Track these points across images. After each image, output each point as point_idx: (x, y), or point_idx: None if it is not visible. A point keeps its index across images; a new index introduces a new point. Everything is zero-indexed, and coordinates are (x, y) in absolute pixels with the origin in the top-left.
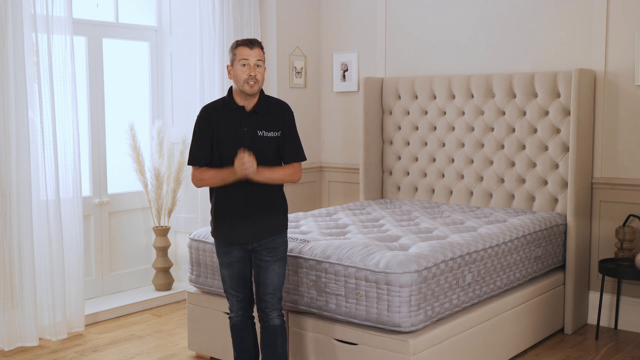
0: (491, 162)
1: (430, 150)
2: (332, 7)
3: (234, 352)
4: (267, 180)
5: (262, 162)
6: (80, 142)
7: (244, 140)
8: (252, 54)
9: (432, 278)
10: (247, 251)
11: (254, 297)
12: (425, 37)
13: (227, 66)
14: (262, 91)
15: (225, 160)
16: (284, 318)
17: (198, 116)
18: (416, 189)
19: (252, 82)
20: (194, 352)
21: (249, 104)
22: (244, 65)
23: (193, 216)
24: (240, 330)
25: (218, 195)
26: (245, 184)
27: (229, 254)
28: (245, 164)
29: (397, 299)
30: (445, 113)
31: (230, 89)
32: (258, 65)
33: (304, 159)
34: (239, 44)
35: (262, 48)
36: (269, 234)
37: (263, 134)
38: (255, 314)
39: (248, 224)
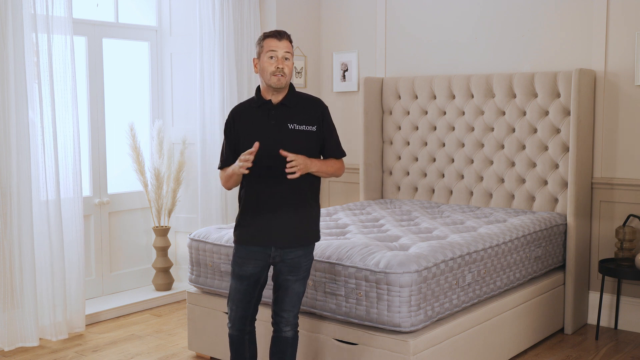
0: (491, 162)
1: (430, 150)
2: (332, 7)
3: (231, 357)
4: (318, 170)
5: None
6: (80, 142)
7: (269, 134)
8: (280, 46)
9: (432, 278)
10: (266, 265)
11: (271, 309)
12: (425, 37)
13: (254, 59)
14: (292, 86)
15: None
16: (298, 329)
17: (226, 119)
18: (416, 189)
19: (280, 75)
20: (194, 352)
21: (276, 97)
22: (271, 57)
23: (193, 216)
24: (237, 343)
25: (248, 198)
26: (277, 187)
27: (243, 266)
28: (243, 163)
29: (397, 299)
30: (445, 113)
31: (258, 87)
32: (286, 58)
33: (345, 154)
34: (267, 35)
35: (291, 41)
36: (297, 241)
37: (294, 127)
38: (257, 322)
39: (276, 226)
